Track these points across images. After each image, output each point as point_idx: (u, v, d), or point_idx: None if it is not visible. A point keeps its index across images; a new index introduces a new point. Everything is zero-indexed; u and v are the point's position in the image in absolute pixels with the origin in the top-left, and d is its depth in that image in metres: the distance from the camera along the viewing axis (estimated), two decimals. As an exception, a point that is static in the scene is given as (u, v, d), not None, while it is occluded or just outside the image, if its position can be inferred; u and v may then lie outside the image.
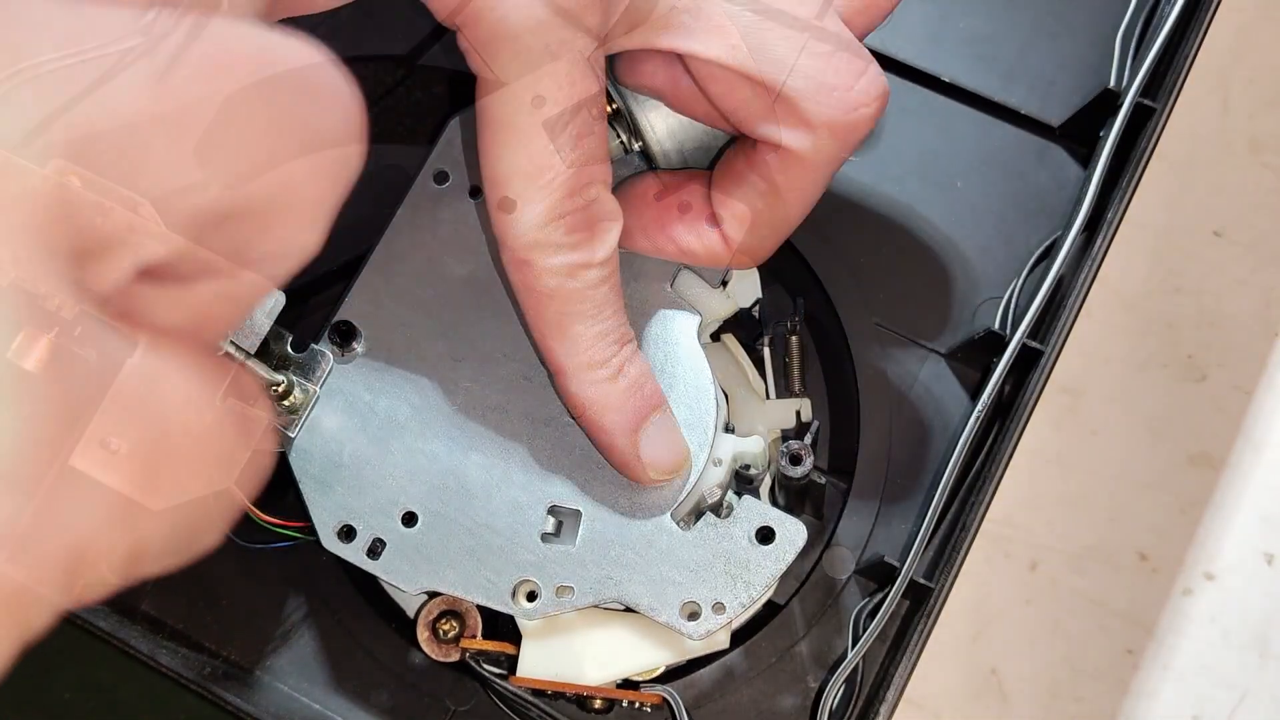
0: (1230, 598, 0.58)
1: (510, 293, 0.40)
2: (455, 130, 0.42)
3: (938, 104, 0.49)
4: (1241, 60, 0.64)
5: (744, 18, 0.35)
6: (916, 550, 0.41)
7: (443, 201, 0.42)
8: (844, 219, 0.48)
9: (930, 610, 0.41)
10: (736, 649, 0.43)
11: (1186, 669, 0.57)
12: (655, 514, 0.39)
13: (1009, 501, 0.59)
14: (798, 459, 0.41)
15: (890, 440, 0.45)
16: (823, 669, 0.43)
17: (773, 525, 0.39)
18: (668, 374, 0.40)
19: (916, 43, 0.50)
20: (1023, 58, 0.50)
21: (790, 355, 0.45)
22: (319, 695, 0.43)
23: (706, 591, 0.38)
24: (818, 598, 0.44)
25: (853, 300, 0.46)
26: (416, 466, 0.39)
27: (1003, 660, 0.57)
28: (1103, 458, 0.59)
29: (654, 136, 0.41)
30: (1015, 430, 0.42)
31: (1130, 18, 0.49)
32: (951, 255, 0.47)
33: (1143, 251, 0.62)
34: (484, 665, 0.41)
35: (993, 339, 0.44)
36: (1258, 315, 0.61)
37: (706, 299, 0.41)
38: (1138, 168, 0.44)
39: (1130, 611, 0.57)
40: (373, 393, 0.40)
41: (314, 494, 0.39)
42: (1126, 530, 0.59)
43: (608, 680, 0.41)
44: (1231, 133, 0.63)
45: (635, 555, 0.39)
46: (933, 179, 0.48)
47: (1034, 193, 0.48)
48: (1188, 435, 0.60)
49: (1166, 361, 0.60)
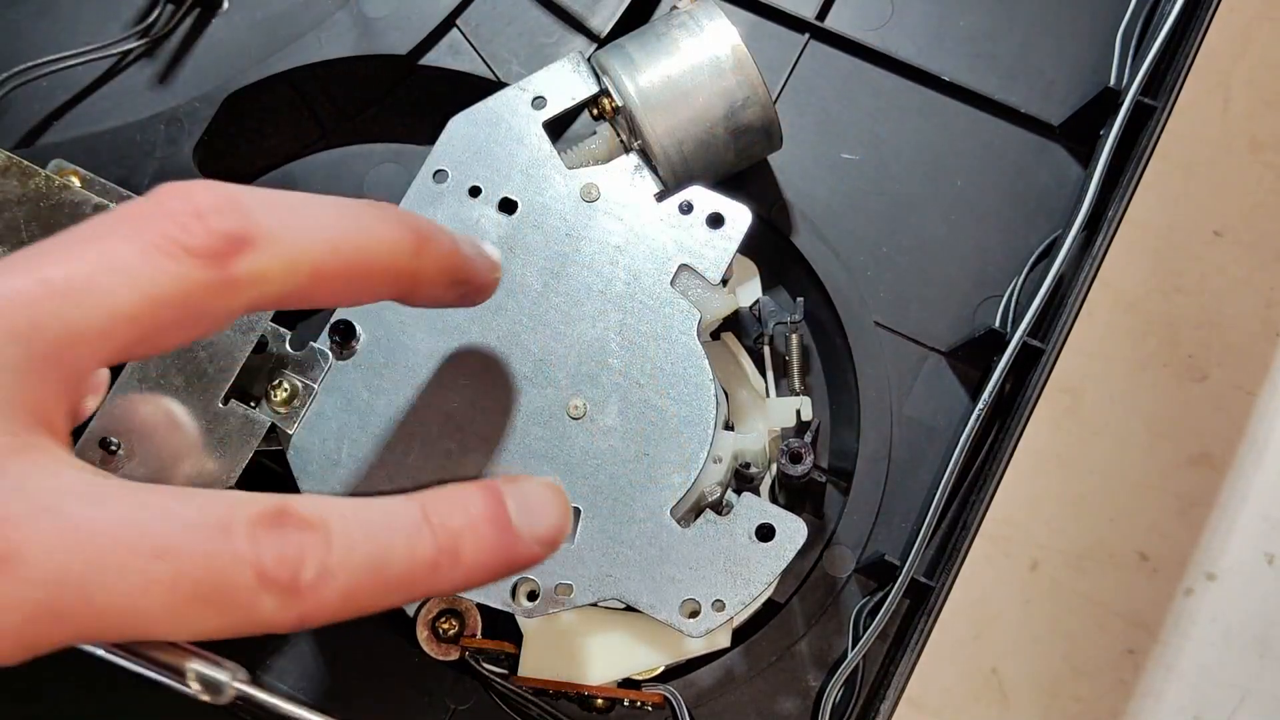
0: (1231, 598, 0.58)
1: (508, 293, 0.40)
2: (455, 130, 0.42)
3: (938, 103, 0.49)
4: (1241, 60, 0.64)
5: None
6: (917, 549, 0.41)
7: (442, 201, 0.42)
8: (844, 217, 0.48)
9: (931, 609, 0.40)
10: (737, 648, 0.43)
11: (1187, 669, 0.57)
12: (655, 512, 0.39)
13: (1009, 501, 0.59)
14: (798, 457, 0.41)
15: (890, 439, 0.45)
16: (823, 668, 0.43)
17: (773, 523, 0.39)
18: (667, 372, 0.40)
19: (917, 42, 0.50)
20: (1023, 57, 0.50)
21: (790, 354, 0.45)
22: (319, 695, 0.43)
23: (706, 589, 0.38)
24: (818, 597, 0.44)
25: (853, 299, 0.46)
26: (415, 465, 0.39)
27: (1003, 660, 0.57)
28: (1103, 458, 0.59)
29: (654, 135, 0.41)
30: (1015, 430, 0.42)
31: (1130, 17, 0.49)
32: (952, 254, 0.47)
33: (1143, 251, 0.62)
34: (484, 664, 0.41)
35: (993, 338, 0.44)
36: (1258, 315, 0.61)
37: (706, 297, 0.41)
38: (1138, 167, 0.44)
39: (1131, 611, 0.57)
40: (371, 391, 0.40)
41: (313, 492, 0.39)
42: (1126, 530, 0.59)
43: (608, 679, 0.41)
44: (1231, 133, 0.63)
45: (635, 553, 0.39)
46: (933, 177, 0.48)
47: (1034, 192, 0.48)
48: (1188, 435, 0.60)
49: (1166, 361, 0.61)
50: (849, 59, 0.50)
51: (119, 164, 0.46)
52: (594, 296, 0.40)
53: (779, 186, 0.48)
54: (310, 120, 0.50)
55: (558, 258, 0.41)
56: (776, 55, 0.50)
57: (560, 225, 0.41)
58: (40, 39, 0.50)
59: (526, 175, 0.42)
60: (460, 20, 0.49)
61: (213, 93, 0.47)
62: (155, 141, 0.47)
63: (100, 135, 0.47)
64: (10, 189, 0.41)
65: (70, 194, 0.41)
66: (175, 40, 0.50)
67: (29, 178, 0.41)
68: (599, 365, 0.40)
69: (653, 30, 0.43)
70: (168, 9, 0.49)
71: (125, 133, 0.47)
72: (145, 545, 0.26)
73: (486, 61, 0.48)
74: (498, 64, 0.48)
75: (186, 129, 0.47)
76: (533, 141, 0.42)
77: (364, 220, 0.31)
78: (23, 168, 0.41)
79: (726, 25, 0.42)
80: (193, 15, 0.50)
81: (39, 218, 0.40)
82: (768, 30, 0.50)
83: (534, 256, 0.41)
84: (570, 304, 0.40)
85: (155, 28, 0.49)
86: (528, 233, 0.41)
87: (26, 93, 0.48)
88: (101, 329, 0.27)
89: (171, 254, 0.27)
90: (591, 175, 0.42)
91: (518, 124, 0.42)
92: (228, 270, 0.28)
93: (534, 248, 0.41)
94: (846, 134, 0.49)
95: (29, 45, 0.49)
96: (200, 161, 0.47)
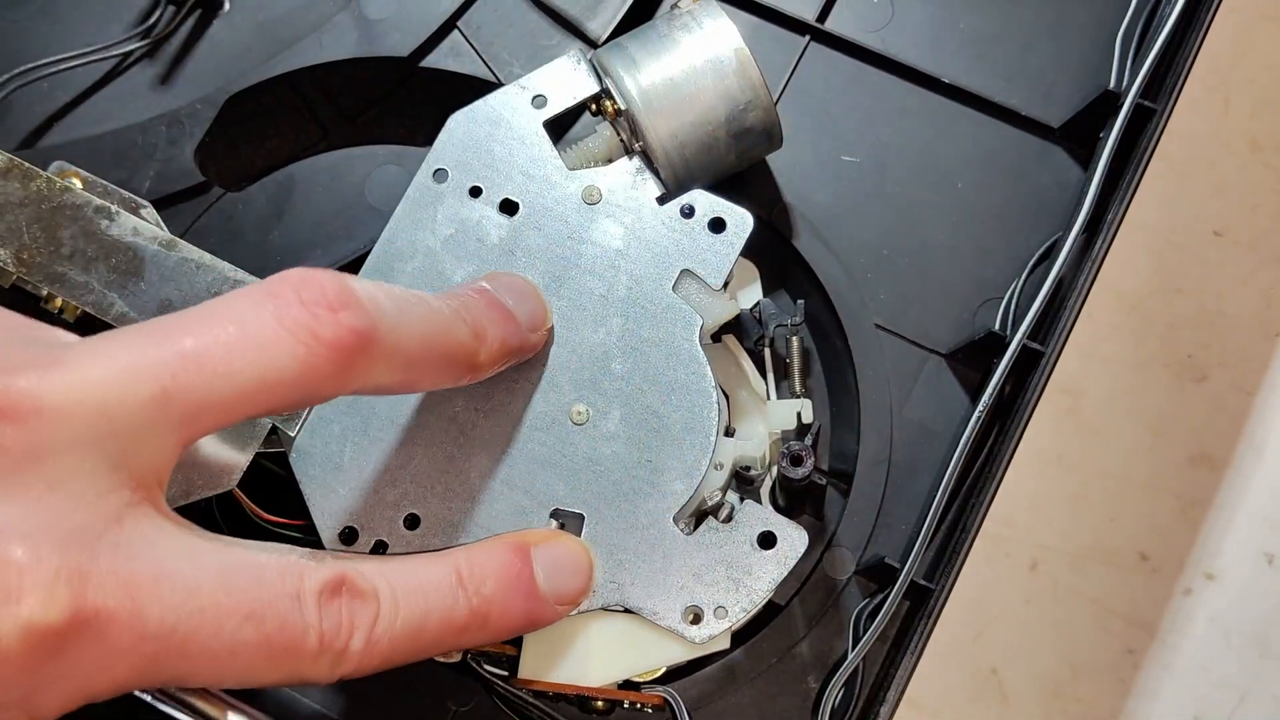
0: (1231, 598, 0.58)
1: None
2: (455, 129, 0.42)
3: (938, 105, 0.49)
4: (1241, 60, 0.64)
5: None
6: (917, 551, 0.41)
7: (442, 200, 0.42)
8: (844, 220, 0.48)
9: (930, 611, 0.41)
10: (737, 649, 0.43)
11: (1187, 669, 0.57)
12: (658, 519, 0.39)
13: (1009, 501, 0.59)
14: (799, 460, 0.41)
15: (891, 441, 0.45)
16: (823, 669, 0.43)
17: (774, 530, 0.39)
18: (669, 378, 0.40)
19: (917, 44, 0.50)
20: (1023, 59, 0.50)
21: (791, 356, 0.45)
22: (319, 695, 0.43)
23: (709, 595, 0.38)
24: (818, 598, 0.44)
25: (853, 301, 0.46)
26: (418, 469, 0.39)
27: (1003, 660, 0.57)
28: (1103, 458, 0.59)
29: (656, 138, 0.41)
30: (1016, 431, 0.42)
31: (1130, 18, 0.49)
32: (952, 256, 0.47)
33: (1143, 251, 0.62)
34: (485, 666, 0.41)
35: (993, 340, 0.44)
36: (1258, 315, 0.61)
37: (708, 302, 0.41)
38: (1138, 169, 0.44)
39: (1130, 611, 0.58)
40: (374, 394, 0.40)
41: (316, 496, 0.39)
42: (1126, 530, 0.59)
43: (609, 681, 0.41)
44: (1231, 133, 0.63)
45: (638, 559, 0.39)
46: (933, 180, 0.48)
47: (1034, 194, 0.48)
48: (1188, 435, 0.60)
49: (1166, 361, 0.61)
50: (850, 61, 0.50)
51: (120, 166, 0.46)
52: (596, 301, 0.40)
53: (779, 188, 0.48)
54: (311, 122, 0.50)
55: (559, 261, 0.41)
56: (777, 57, 0.50)
57: (562, 228, 0.41)
58: (41, 40, 0.50)
59: (527, 175, 0.42)
60: (461, 22, 0.49)
61: (214, 94, 0.47)
62: (156, 143, 0.47)
63: (101, 137, 0.47)
64: (12, 191, 0.41)
65: (72, 196, 0.41)
66: (176, 42, 0.50)
67: (30, 180, 0.41)
68: (601, 371, 0.40)
69: (654, 30, 0.43)
70: (169, 10, 0.49)
71: (126, 134, 0.47)
72: (239, 609, 0.29)
73: (487, 63, 0.48)
74: (499, 66, 0.48)
75: (188, 130, 0.47)
76: (533, 141, 0.42)
77: (447, 320, 0.34)
78: (24, 170, 0.41)
79: (729, 26, 0.42)
80: (194, 17, 0.50)
81: (41, 220, 0.40)
82: (768, 32, 0.50)
83: (535, 260, 0.41)
84: (572, 308, 0.40)
85: (156, 29, 0.49)
86: (529, 235, 0.41)
87: (27, 94, 0.48)
88: (226, 402, 0.29)
89: (303, 341, 0.30)
90: (593, 177, 0.42)
91: (518, 123, 0.42)
92: (349, 363, 0.30)
93: (535, 250, 0.41)
94: (847, 136, 0.49)
95: (30, 46, 0.49)
96: (201, 163, 0.47)
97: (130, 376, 0.28)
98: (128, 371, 0.28)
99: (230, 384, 0.29)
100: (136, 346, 0.29)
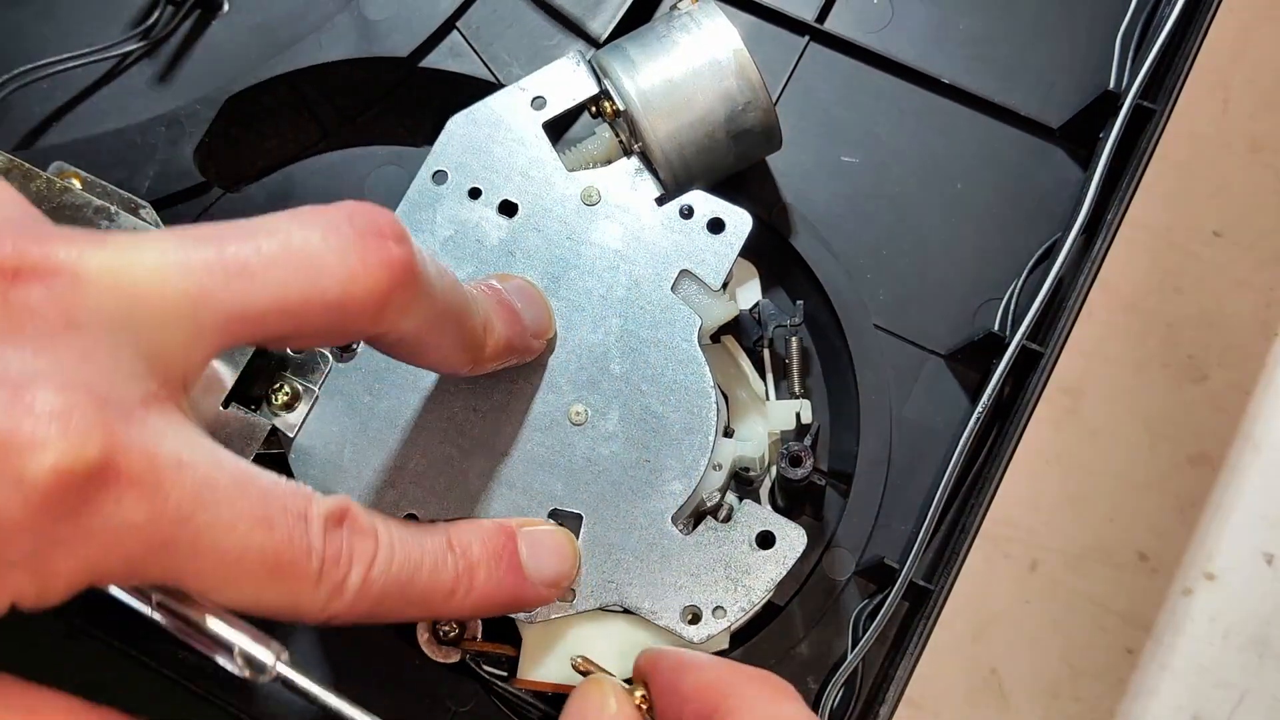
0: (1230, 598, 0.58)
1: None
2: (454, 130, 0.42)
3: (938, 105, 0.49)
4: (1241, 60, 0.64)
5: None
6: (916, 552, 0.41)
7: (441, 202, 0.42)
8: (844, 220, 0.48)
9: (930, 612, 0.41)
10: (737, 650, 0.43)
11: (1186, 669, 0.57)
12: (656, 519, 0.39)
13: (1009, 502, 0.59)
14: (798, 461, 0.42)
15: (890, 442, 0.45)
16: (823, 670, 0.43)
17: (773, 530, 0.39)
18: (668, 378, 0.40)
19: (917, 44, 0.50)
20: (1023, 59, 0.50)
21: (790, 356, 0.45)
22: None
23: (707, 595, 0.38)
24: (818, 599, 0.44)
25: (852, 301, 0.46)
26: (417, 469, 0.39)
27: (1003, 660, 0.57)
28: (1103, 458, 0.59)
29: (655, 139, 0.41)
30: (1015, 431, 0.42)
31: (1130, 19, 0.49)
32: (951, 257, 0.47)
33: (1143, 252, 0.62)
34: (484, 667, 0.41)
35: (992, 340, 0.44)
36: (1258, 315, 0.61)
37: (707, 303, 0.41)
38: (1138, 169, 0.44)
39: (1130, 611, 0.58)
40: (373, 394, 0.40)
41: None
42: (1126, 530, 0.59)
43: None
44: (1231, 133, 0.63)
45: (636, 559, 0.39)
46: (933, 180, 0.48)
47: (1034, 194, 0.48)
48: (1188, 435, 0.60)
49: (1166, 361, 0.61)
50: (849, 61, 0.50)
51: (120, 166, 0.46)
52: (595, 301, 0.40)
53: (779, 189, 0.48)
54: (311, 122, 0.50)
55: (558, 262, 0.41)
56: (776, 57, 0.50)
57: (561, 229, 0.41)
58: (41, 41, 0.50)
59: (526, 177, 0.42)
60: (460, 23, 0.49)
61: (213, 95, 0.47)
62: (156, 143, 0.47)
63: (101, 137, 0.47)
64: (11, 192, 0.41)
65: (71, 196, 0.41)
66: (175, 42, 0.50)
67: (30, 180, 0.41)
68: (600, 371, 0.40)
69: (653, 31, 0.43)
70: (168, 11, 0.49)
71: (126, 135, 0.47)
72: (253, 513, 0.28)
73: (487, 64, 0.48)
74: (498, 66, 0.48)
75: (187, 131, 0.47)
76: (533, 143, 0.42)
77: (468, 297, 0.35)
78: (24, 170, 0.41)
79: (728, 27, 0.42)
80: (193, 17, 0.50)
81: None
82: (768, 32, 0.50)
83: (535, 260, 0.41)
84: (571, 309, 0.40)
85: (156, 30, 0.49)
86: (528, 236, 0.41)
87: (27, 95, 0.48)
88: (260, 313, 0.29)
89: (349, 264, 0.29)
90: (592, 178, 0.42)
91: (518, 124, 0.42)
92: (388, 294, 0.30)
93: (534, 251, 0.41)
94: (846, 136, 0.49)
95: (30, 47, 0.49)
96: (200, 163, 0.47)
97: (168, 270, 0.28)
98: (167, 265, 0.28)
99: (267, 294, 0.29)
100: (178, 243, 0.28)
